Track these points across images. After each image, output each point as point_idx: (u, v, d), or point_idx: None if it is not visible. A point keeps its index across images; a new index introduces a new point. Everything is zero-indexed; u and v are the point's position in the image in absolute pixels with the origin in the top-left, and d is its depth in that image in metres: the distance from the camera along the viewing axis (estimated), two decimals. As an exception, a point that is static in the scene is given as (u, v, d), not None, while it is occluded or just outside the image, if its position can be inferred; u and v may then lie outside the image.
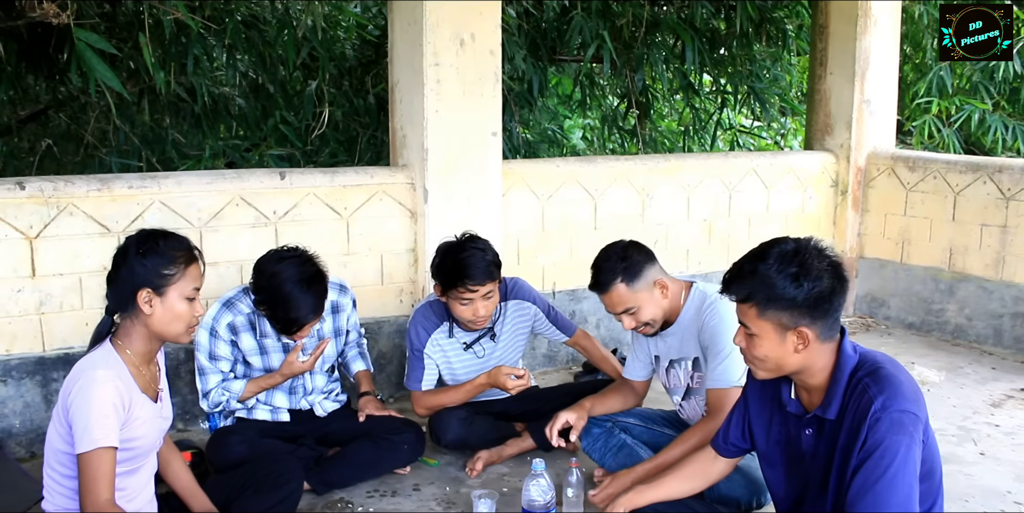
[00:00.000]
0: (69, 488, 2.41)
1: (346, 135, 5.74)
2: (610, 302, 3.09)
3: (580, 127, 8.95)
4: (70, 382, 2.35)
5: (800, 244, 2.22)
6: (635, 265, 3.04)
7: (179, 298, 2.41)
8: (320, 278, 3.17)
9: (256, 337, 3.29)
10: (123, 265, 2.41)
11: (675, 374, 3.25)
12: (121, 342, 2.43)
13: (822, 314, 2.17)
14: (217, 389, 3.27)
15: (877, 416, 2.10)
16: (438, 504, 3.25)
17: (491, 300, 3.38)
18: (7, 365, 3.57)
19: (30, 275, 3.55)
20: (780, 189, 5.48)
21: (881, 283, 5.71)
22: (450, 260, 3.31)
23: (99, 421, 2.27)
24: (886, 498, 2.08)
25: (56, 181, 3.58)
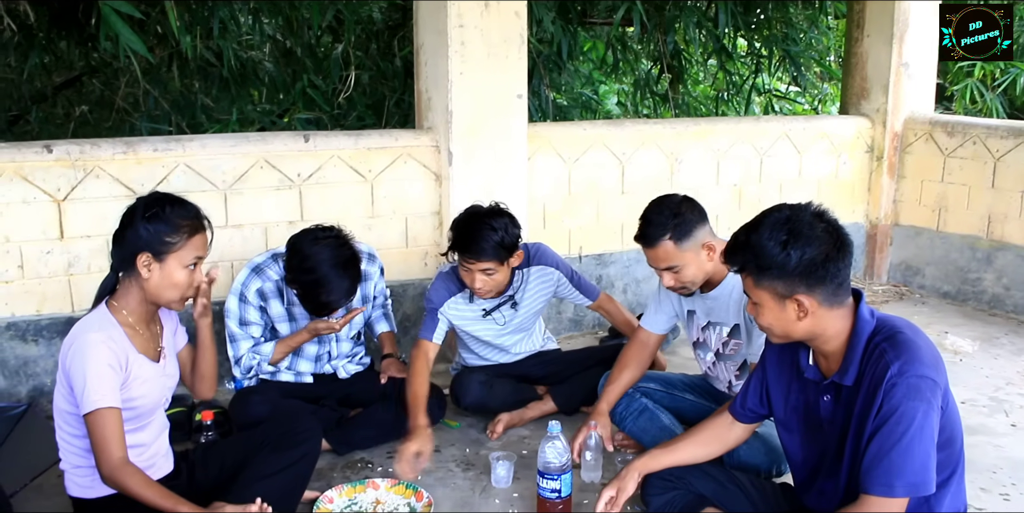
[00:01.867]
0: (78, 447, 2.45)
1: (373, 98, 5.72)
2: (654, 257, 3.00)
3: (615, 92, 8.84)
4: (66, 345, 2.37)
5: (795, 210, 2.17)
6: (687, 224, 2.94)
7: (178, 266, 2.41)
8: (355, 262, 3.15)
9: (284, 304, 3.30)
10: (129, 226, 2.41)
11: (708, 335, 3.22)
12: (117, 303, 2.45)
13: (818, 281, 2.11)
14: (247, 354, 3.31)
15: (893, 381, 2.06)
16: (457, 465, 3.27)
17: (491, 277, 3.29)
18: (38, 325, 3.63)
19: (59, 237, 3.60)
20: (813, 154, 5.38)
21: (916, 251, 5.61)
22: (462, 227, 3.27)
23: (96, 383, 2.30)
24: (901, 465, 2.05)
25: (82, 144, 3.61)
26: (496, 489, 3.08)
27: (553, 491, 2.74)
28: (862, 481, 2.11)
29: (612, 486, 2.53)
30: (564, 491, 2.75)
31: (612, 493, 2.52)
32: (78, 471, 2.49)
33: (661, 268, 3.01)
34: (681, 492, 2.57)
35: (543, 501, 2.77)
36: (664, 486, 2.58)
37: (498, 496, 3.03)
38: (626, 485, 2.52)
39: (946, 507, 2.22)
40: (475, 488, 3.09)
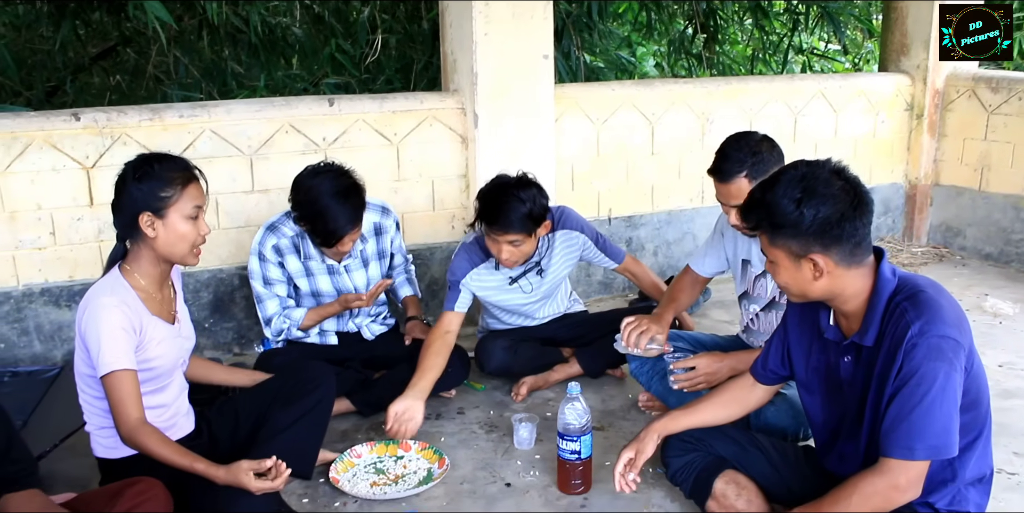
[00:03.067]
0: (100, 409, 2.50)
1: (401, 62, 5.69)
2: (726, 192, 2.94)
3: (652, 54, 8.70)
4: (81, 310, 2.41)
5: (812, 167, 2.10)
6: (764, 162, 2.88)
7: (180, 218, 2.42)
8: (356, 190, 3.16)
9: (301, 259, 3.32)
10: (123, 192, 2.43)
11: (763, 284, 3.16)
12: (129, 267, 2.48)
13: (834, 240, 2.05)
14: (279, 317, 3.34)
15: (914, 342, 2.01)
16: (480, 427, 3.28)
17: (518, 248, 3.26)
18: (71, 291, 3.69)
19: (88, 204, 3.64)
20: (850, 113, 5.26)
21: (957, 212, 5.48)
22: (489, 198, 3.23)
23: (110, 345, 2.33)
24: (922, 427, 1.99)
25: (109, 112, 3.64)
26: (518, 451, 3.09)
27: (573, 452, 2.74)
28: (882, 444, 2.06)
29: (631, 448, 2.51)
30: (584, 452, 2.74)
31: (631, 455, 2.49)
32: (102, 432, 2.54)
33: (731, 205, 2.94)
34: (701, 454, 2.54)
35: (563, 462, 2.77)
36: (684, 448, 2.56)
37: (520, 458, 3.04)
38: (645, 447, 2.50)
39: (970, 470, 2.18)
40: (497, 450, 3.10)
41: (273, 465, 2.40)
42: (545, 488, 2.84)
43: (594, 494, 2.79)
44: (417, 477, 2.89)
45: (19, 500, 2.05)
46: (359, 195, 3.17)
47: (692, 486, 2.53)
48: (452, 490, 2.83)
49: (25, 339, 3.67)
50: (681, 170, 4.79)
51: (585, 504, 2.74)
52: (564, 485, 2.80)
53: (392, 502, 2.75)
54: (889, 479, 2.04)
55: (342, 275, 3.38)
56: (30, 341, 3.69)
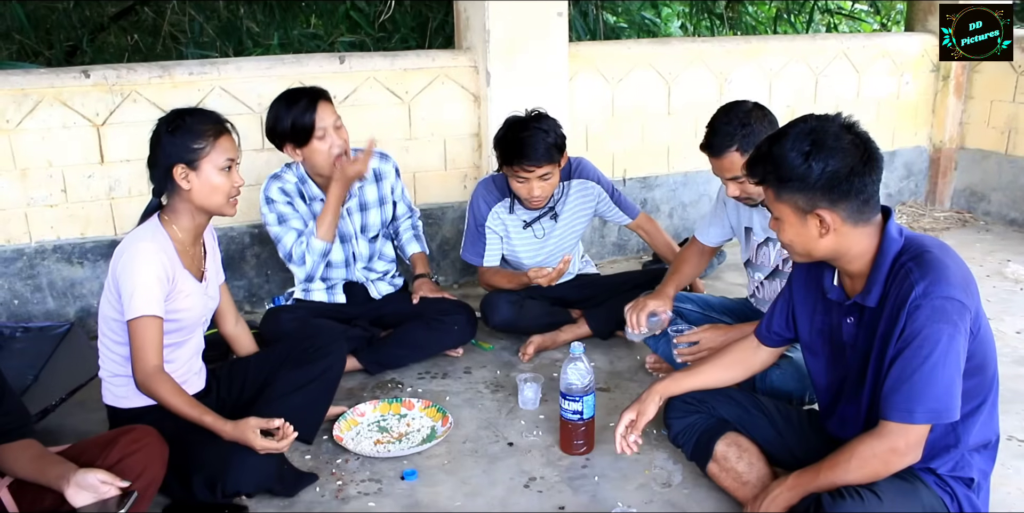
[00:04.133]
0: (118, 354, 2.53)
1: (416, 20, 5.62)
2: (719, 166, 2.91)
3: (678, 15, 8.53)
4: (119, 253, 2.45)
5: (821, 122, 2.03)
6: (755, 134, 2.81)
7: (214, 170, 2.47)
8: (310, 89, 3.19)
9: (306, 202, 3.31)
10: (157, 145, 2.49)
11: (766, 252, 3.12)
12: (168, 218, 2.52)
13: (841, 196, 1.99)
14: (297, 246, 3.23)
15: (917, 303, 1.95)
16: (486, 387, 3.28)
17: (548, 181, 3.30)
18: (83, 248, 3.71)
19: (99, 161, 3.65)
20: (873, 74, 5.15)
21: (982, 176, 5.38)
22: (511, 136, 3.25)
23: (144, 291, 2.38)
24: (923, 390, 1.95)
25: (119, 69, 3.63)
26: (522, 411, 3.09)
27: (575, 413, 2.72)
28: (882, 407, 2.02)
29: (632, 409, 2.49)
30: (586, 413, 2.73)
31: (632, 416, 2.48)
32: (115, 380, 2.57)
33: (726, 178, 2.91)
34: (703, 416, 2.52)
35: (565, 423, 2.76)
36: (686, 409, 2.54)
37: (524, 417, 3.04)
38: (646, 408, 2.48)
39: (974, 437, 2.13)
40: (501, 409, 3.10)
41: (281, 426, 2.44)
42: (547, 448, 2.83)
43: (596, 455, 2.78)
44: (420, 435, 2.90)
45: (14, 450, 2.08)
46: (313, 91, 3.18)
47: (693, 448, 2.52)
48: (454, 449, 2.83)
49: (39, 295, 3.70)
50: (698, 131, 4.61)
51: (587, 464, 2.73)
52: (566, 445, 2.80)
53: (394, 460, 2.76)
54: (888, 442, 2.01)
55: (344, 219, 3.35)
56: (43, 297, 3.72)
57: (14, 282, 3.65)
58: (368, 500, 2.54)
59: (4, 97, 3.44)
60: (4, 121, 3.46)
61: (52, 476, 2.00)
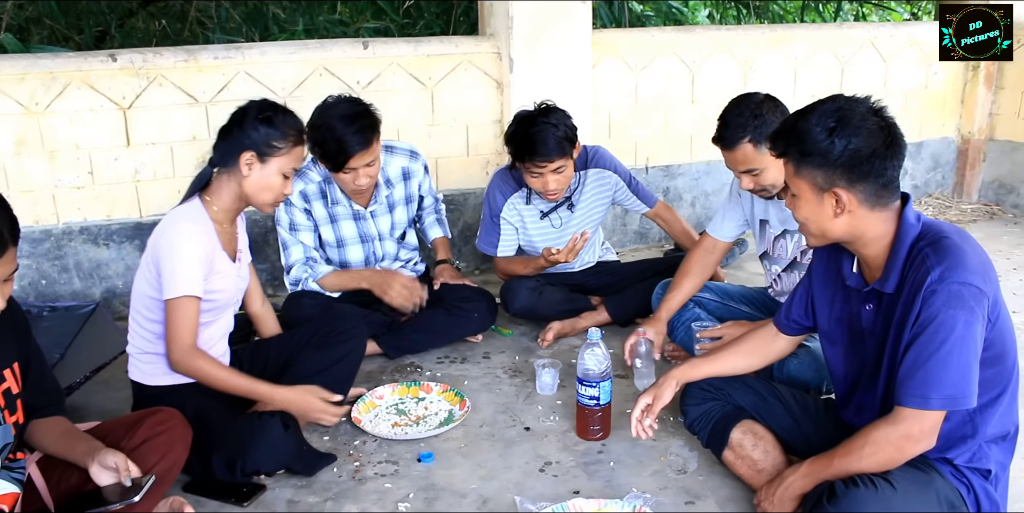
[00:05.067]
0: (150, 331, 2.57)
1: (441, 7, 5.62)
2: (732, 160, 2.89)
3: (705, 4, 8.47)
4: (159, 232, 2.48)
5: (850, 101, 2.02)
6: (767, 125, 2.78)
7: (276, 171, 2.52)
8: (367, 116, 3.12)
9: (327, 205, 3.33)
10: (240, 124, 2.51)
11: (783, 244, 3.11)
12: (210, 198, 2.55)
13: (861, 176, 1.98)
14: (301, 265, 3.33)
15: (933, 288, 1.93)
16: (504, 372, 3.30)
17: (563, 174, 3.30)
18: (108, 229, 3.76)
19: (125, 144, 3.69)
20: (900, 63, 5.10)
21: (1011, 168, 5.32)
22: (520, 133, 3.24)
23: (185, 271, 2.42)
24: (938, 376, 1.93)
25: (145, 53, 3.66)
26: (540, 396, 3.10)
27: (592, 398, 2.73)
28: (897, 393, 2.00)
29: (648, 394, 2.49)
30: (603, 398, 2.74)
31: (648, 401, 2.48)
32: (144, 357, 2.61)
33: (740, 171, 2.89)
34: (720, 403, 2.52)
35: (582, 408, 2.77)
36: (703, 396, 2.54)
37: (541, 403, 3.05)
38: (663, 393, 2.48)
39: (992, 427, 2.11)
40: (519, 394, 3.11)
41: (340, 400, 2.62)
42: (564, 433, 2.84)
43: (612, 441, 2.79)
44: (438, 418, 2.92)
45: (45, 425, 2.12)
46: (370, 119, 3.12)
47: (709, 435, 2.52)
48: (471, 432, 2.85)
49: (65, 276, 3.76)
50: (722, 120, 4.68)
51: (603, 450, 2.74)
52: (583, 431, 2.81)
53: (411, 442, 2.78)
54: (902, 428, 1.99)
55: (367, 220, 3.38)
56: (70, 278, 3.77)
57: (42, 263, 3.70)
58: (385, 481, 2.57)
59: (33, 80, 3.49)
60: (33, 104, 3.50)
61: (79, 453, 2.04)
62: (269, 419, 2.50)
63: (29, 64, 3.48)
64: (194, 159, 3.76)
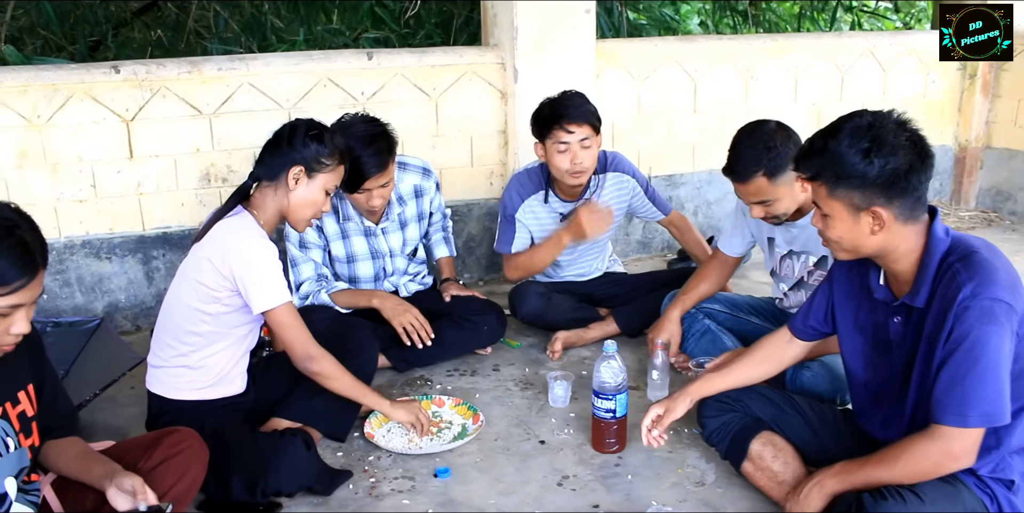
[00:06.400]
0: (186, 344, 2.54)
1: (441, 17, 5.61)
2: (744, 191, 2.85)
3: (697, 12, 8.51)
4: (225, 247, 2.44)
5: (877, 117, 2.02)
6: (781, 157, 2.71)
7: (321, 188, 2.56)
8: (385, 136, 3.10)
9: (339, 221, 3.30)
10: (291, 138, 2.54)
11: (790, 264, 3.10)
12: (255, 212, 2.55)
13: (898, 193, 1.98)
14: (312, 281, 3.30)
15: (965, 305, 1.94)
16: (515, 384, 3.28)
17: (589, 151, 3.27)
18: (111, 243, 3.72)
19: (128, 157, 3.65)
20: (899, 72, 5.12)
21: (1009, 175, 5.34)
22: (549, 103, 3.29)
23: (276, 279, 2.47)
24: (975, 393, 1.93)
25: (148, 64, 3.63)
26: (553, 409, 3.08)
27: (608, 411, 2.72)
28: (934, 411, 2.00)
29: (661, 405, 2.48)
30: (619, 411, 2.72)
31: (659, 412, 2.47)
32: (172, 371, 2.57)
33: (752, 202, 2.86)
34: (738, 415, 2.51)
35: (598, 421, 2.75)
36: (720, 408, 2.53)
37: (554, 415, 3.03)
38: (675, 406, 2.47)
39: (1016, 438, 2.11)
40: (532, 407, 3.10)
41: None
42: (579, 446, 2.83)
43: (628, 453, 2.78)
44: (451, 433, 2.89)
45: (60, 446, 2.08)
46: (388, 141, 3.11)
47: (728, 447, 2.51)
48: (486, 446, 2.83)
49: (67, 290, 3.71)
50: (724, 128, 4.68)
51: (620, 463, 2.73)
52: (598, 443, 2.79)
53: (426, 457, 2.76)
54: (943, 445, 1.99)
55: (378, 237, 3.36)
56: (72, 292, 3.73)
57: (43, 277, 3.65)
58: (402, 498, 2.54)
59: (35, 93, 3.45)
60: (35, 116, 3.46)
61: (95, 475, 2.00)
62: (291, 439, 2.47)
63: (31, 76, 3.45)
64: (198, 171, 3.73)
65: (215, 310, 2.49)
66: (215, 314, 2.49)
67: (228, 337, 2.57)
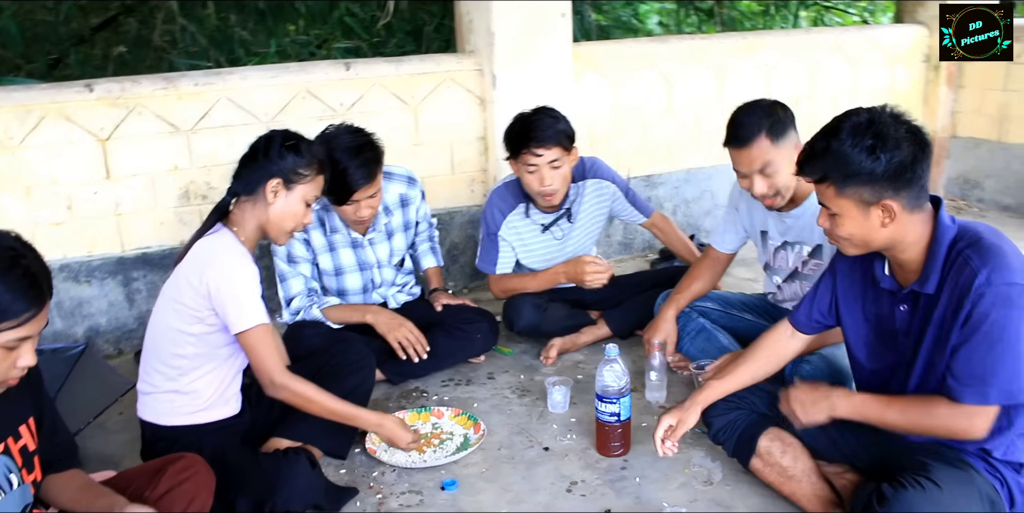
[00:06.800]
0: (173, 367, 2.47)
1: (412, 25, 5.58)
2: (748, 158, 2.85)
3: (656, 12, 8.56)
4: (205, 266, 2.38)
5: (874, 113, 2.06)
6: (781, 122, 2.81)
7: (300, 199, 2.51)
8: (371, 147, 3.07)
9: (325, 233, 3.27)
10: (267, 150, 2.49)
11: (784, 256, 3.12)
12: (236, 228, 2.50)
13: (905, 184, 2.02)
14: (303, 296, 3.25)
15: (981, 291, 1.98)
16: (512, 391, 3.26)
17: (559, 171, 3.27)
18: (90, 266, 3.64)
19: (105, 177, 3.58)
20: (867, 66, 5.18)
21: (975, 163, 5.43)
22: (519, 124, 3.27)
23: (253, 300, 2.40)
24: (994, 372, 1.99)
25: (123, 82, 3.57)
26: (553, 414, 3.07)
27: (612, 415, 2.71)
28: (952, 391, 2.05)
29: (673, 415, 2.46)
30: (623, 414, 2.72)
31: (672, 422, 2.45)
32: (162, 396, 2.51)
33: (755, 170, 2.85)
34: (743, 412, 2.52)
35: (602, 425, 2.75)
36: (727, 406, 2.52)
37: (555, 421, 3.02)
38: (688, 417, 2.46)
39: (1024, 419, 2.17)
40: (532, 414, 3.08)
41: None
42: (584, 451, 2.82)
43: (633, 455, 2.78)
44: (454, 444, 2.87)
45: (61, 480, 2.03)
46: (374, 152, 3.08)
47: (736, 444, 2.51)
48: (490, 456, 2.81)
49: (47, 315, 3.63)
50: (699, 127, 4.73)
51: (626, 466, 2.73)
52: (603, 447, 2.78)
53: (430, 470, 2.73)
54: (962, 418, 2.06)
55: (365, 248, 3.33)
56: (51, 318, 3.64)
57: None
58: (411, 512, 2.52)
59: (6, 114, 3.37)
60: (8, 138, 3.39)
61: (99, 508, 1.95)
62: (295, 457, 2.43)
63: (2, 97, 3.37)
64: (177, 189, 3.67)
65: (198, 330, 2.44)
66: (199, 335, 2.44)
67: (215, 358, 2.51)
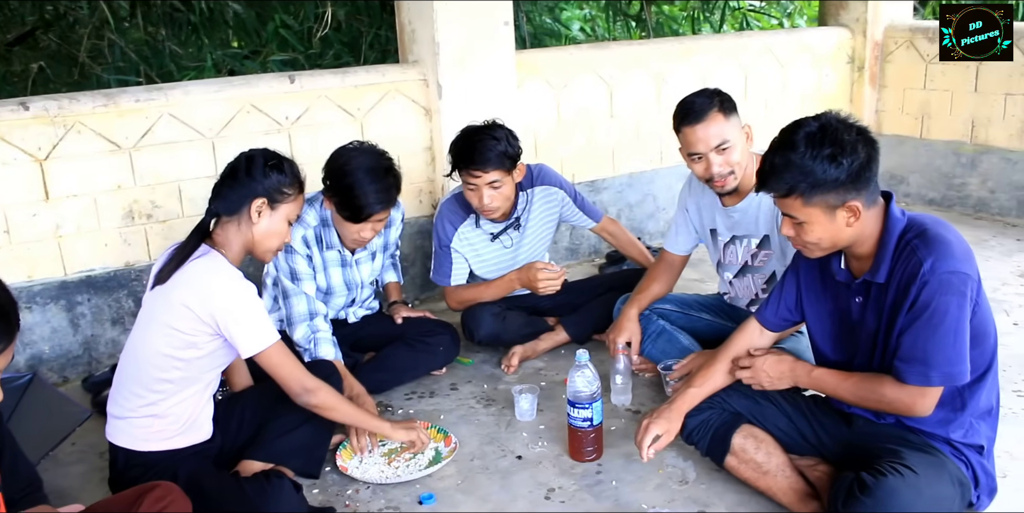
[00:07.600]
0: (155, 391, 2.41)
1: (349, 36, 5.53)
2: (704, 134, 2.89)
3: (578, 18, 8.63)
4: (203, 292, 2.33)
5: (822, 120, 2.15)
6: (729, 101, 2.95)
7: (284, 218, 2.51)
8: (392, 172, 3.06)
9: (321, 251, 3.20)
10: (250, 170, 2.47)
11: (733, 250, 3.19)
12: (222, 250, 2.47)
13: (865, 183, 2.13)
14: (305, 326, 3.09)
15: (926, 279, 2.09)
16: (477, 401, 3.26)
17: (499, 191, 3.28)
18: (30, 292, 3.50)
19: (43, 198, 3.45)
20: (796, 68, 5.33)
21: (900, 160, 5.61)
22: (461, 142, 3.27)
23: (263, 319, 2.40)
24: (935, 354, 2.10)
25: (60, 99, 3.45)
26: (521, 423, 3.08)
27: (585, 420, 2.73)
28: (899, 371, 2.16)
29: (659, 425, 2.48)
30: (596, 419, 2.74)
31: (659, 432, 2.47)
32: (139, 421, 2.44)
33: (713, 148, 2.89)
34: (715, 411, 2.55)
35: (575, 430, 2.76)
36: (699, 407, 2.56)
37: (525, 429, 3.03)
38: (674, 427, 2.51)
39: (981, 402, 2.27)
40: (500, 423, 3.08)
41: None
42: (557, 457, 2.83)
43: (607, 459, 2.80)
44: (426, 458, 2.84)
45: None
46: (395, 178, 3.07)
47: (709, 443, 2.55)
48: (464, 467, 2.80)
49: (-13, 343, 3.49)
50: (639, 132, 4.80)
51: (600, 470, 2.74)
52: (576, 453, 2.80)
53: (405, 485, 2.70)
54: (906, 397, 2.19)
55: (352, 268, 3.29)
56: (-9, 345, 3.50)
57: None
58: (393, 527, 2.50)
59: (-64, 136, 3.25)
60: (-61, 162, 3.26)
61: None
62: (278, 481, 2.38)
63: (-69, 119, 3.24)
64: (120, 209, 3.57)
65: (190, 355, 2.38)
66: (188, 359, 2.39)
67: (199, 382, 2.47)
